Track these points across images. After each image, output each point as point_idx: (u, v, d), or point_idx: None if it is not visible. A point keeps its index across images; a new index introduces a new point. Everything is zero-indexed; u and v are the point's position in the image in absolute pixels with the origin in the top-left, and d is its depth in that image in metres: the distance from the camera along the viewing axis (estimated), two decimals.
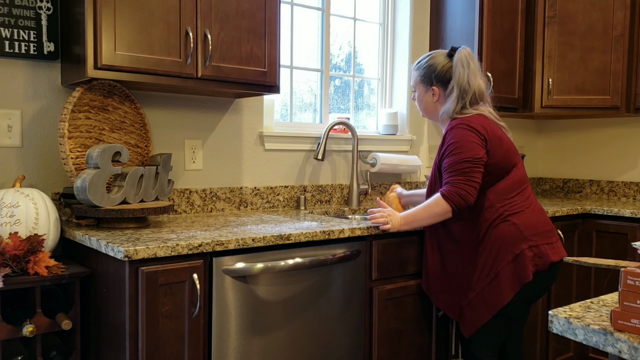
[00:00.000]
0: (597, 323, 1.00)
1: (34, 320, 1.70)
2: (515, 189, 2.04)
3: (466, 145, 1.98)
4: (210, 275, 1.74)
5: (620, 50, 3.11)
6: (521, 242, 1.98)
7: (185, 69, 2.01)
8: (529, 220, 2.01)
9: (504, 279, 1.97)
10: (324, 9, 2.95)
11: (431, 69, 2.15)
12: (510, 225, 1.99)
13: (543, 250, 1.99)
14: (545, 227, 2.05)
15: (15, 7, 1.99)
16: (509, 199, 2.02)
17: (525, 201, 2.05)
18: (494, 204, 2.01)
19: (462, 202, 1.95)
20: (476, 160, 1.97)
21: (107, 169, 1.89)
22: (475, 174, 1.96)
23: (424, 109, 2.23)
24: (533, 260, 1.97)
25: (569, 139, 3.80)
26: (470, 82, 2.09)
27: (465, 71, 2.09)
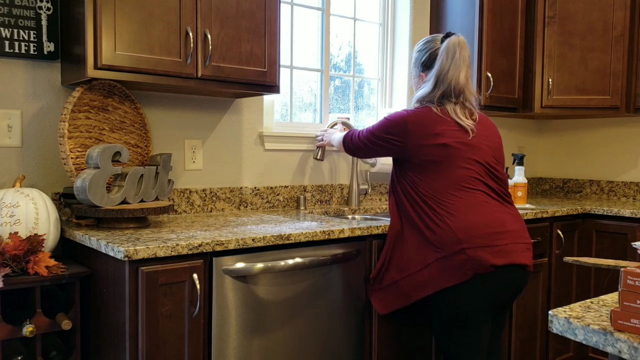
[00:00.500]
0: (597, 323, 1.00)
1: (34, 320, 1.70)
2: (455, 189, 1.92)
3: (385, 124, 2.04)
4: (210, 275, 1.74)
5: (620, 50, 3.11)
6: (453, 244, 1.86)
7: (185, 69, 2.01)
8: (465, 222, 1.88)
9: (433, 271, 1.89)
10: (324, 9, 2.95)
11: (420, 55, 2.12)
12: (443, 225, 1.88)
13: (480, 253, 1.85)
14: (490, 229, 1.89)
15: (15, 7, 1.99)
16: (445, 199, 1.91)
17: (466, 202, 1.91)
18: (426, 199, 1.93)
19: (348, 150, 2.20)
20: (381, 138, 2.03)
21: (107, 169, 1.89)
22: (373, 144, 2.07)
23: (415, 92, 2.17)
24: (469, 262, 1.84)
25: (569, 139, 3.80)
26: (449, 73, 2.00)
27: (448, 62, 2.00)
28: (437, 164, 1.93)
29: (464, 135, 1.97)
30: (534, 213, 2.72)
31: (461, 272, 1.85)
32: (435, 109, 1.99)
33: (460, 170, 1.94)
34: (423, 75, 2.11)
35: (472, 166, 1.95)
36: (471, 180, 1.94)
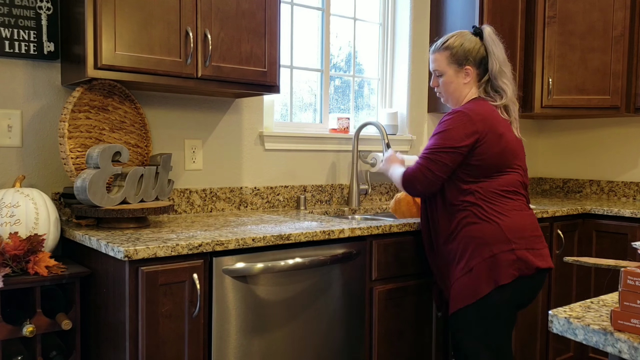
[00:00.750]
0: (597, 323, 1.00)
1: (34, 320, 1.70)
2: (505, 191, 1.95)
3: (448, 133, 1.92)
4: (210, 275, 1.74)
5: (620, 50, 3.11)
6: (502, 243, 1.89)
7: (185, 69, 2.01)
8: (514, 224, 1.92)
9: (477, 275, 1.89)
10: (324, 9, 2.95)
11: (464, 47, 2.02)
12: (493, 225, 1.91)
13: (526, 255, 1.90)
14: (532, 232, 1.95)
15: (15, 7, 1.99)
16: (496, 199, 1.93)
17: (513, 204, 1.95)
18: (477, 201, 1.93)
19: (409, 188, 1.99)
20: (451, 150, 1.90)
21: (107, 169, 1.89)
22: (439, 165, 1.92)
23: (452, 92, 2.07)
24: (515, 263, 1.88)
25: (569, 139, 3.80)
26: (501, 62, 2.01)
27: (498, 49, 2.01)
28: (494, 167, 1.94)
29: (514, 137, 2.00)
30: (534, 213, 2.72)
31: (508, 272, 1.87)
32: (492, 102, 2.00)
33: (511, 175, 1.97)
34: (470, 69, 2.03)
35: (518, 171, 2.00)
36: (517, 184, 1.98)
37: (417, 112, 3.24)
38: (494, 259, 1.88)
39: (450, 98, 2.09)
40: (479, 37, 2.04)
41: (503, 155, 1.94)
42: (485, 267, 1.89)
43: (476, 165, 1.92)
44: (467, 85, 2.04)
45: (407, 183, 1.99)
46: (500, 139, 1.93)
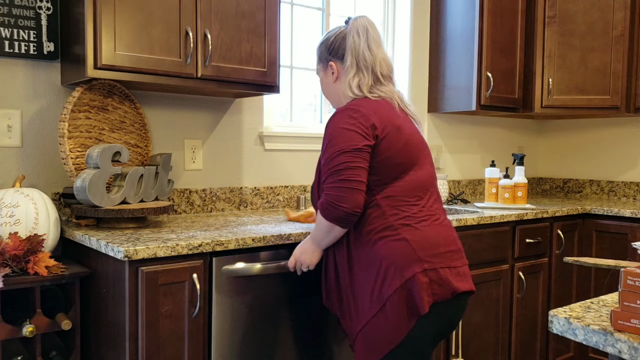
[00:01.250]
0: (597, 323, 1.00)
1: (33, 320, 1.70)
2: (413, 194, 1.61)
3: (341, 135, 1.56)
4: (210, 275, 1.74)
5: (620, 50, 3.11)
6: (413, 264, 1.53)
7: (185, 69, 2.01)
8: (425, 236, 1.58)
9: (391, 312, 1.53)
10: (324, 9, 2.95)
11: (326, 43, 1.76)
12: (401, 241, 1.55)
13: (443, 275, 1.56)
14: (448, 247, 1.61)
15: (15, 7, 1.99)
16: (403, 207, 1.59)
17: (424, 212, 1.62)
18: (384, 212, 1.58)
19: (338, 213, 1.54)
20: (355, 152, 1.55)
21: (107, 169, 1.89)
22: (354, 170, 1.54)
23: (327, 94, 1.81)
24: (430, 287, 1.53)
25: (569, 139, 3.80)
26: (372, 50, 1.68)
27: (361, 38, 1.68)
28: (398, 166, 1.61)
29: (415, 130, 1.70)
30: (534, 213, 2.72)
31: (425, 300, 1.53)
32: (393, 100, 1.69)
33: (419, 172, 1.65)
34: (333, 64, 1.74)
35: (427, 167, 1.69)
36: (429, 184, 1.67)
37: (417, 112, 3.23)
38: (405, 285, 1.53)
39: (330, 100, 1.82)
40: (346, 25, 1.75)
41: (407, 150, 1.63)
42: (400, 297, 1.53)
43: (378, 167, 1.59)
44: (340, 83, 1.73)
45: (328, 209, 1.55)
46: (400, 131, 1.62)
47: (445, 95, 3.17)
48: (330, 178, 1.56)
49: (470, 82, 3.01)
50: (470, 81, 3.01)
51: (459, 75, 3.08)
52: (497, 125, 3.68)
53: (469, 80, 3.02)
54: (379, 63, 1.69)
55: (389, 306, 1.53)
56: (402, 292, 1.52)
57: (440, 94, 3.20)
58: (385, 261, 1.55)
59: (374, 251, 1.57)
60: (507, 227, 2.63)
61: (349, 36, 1.71)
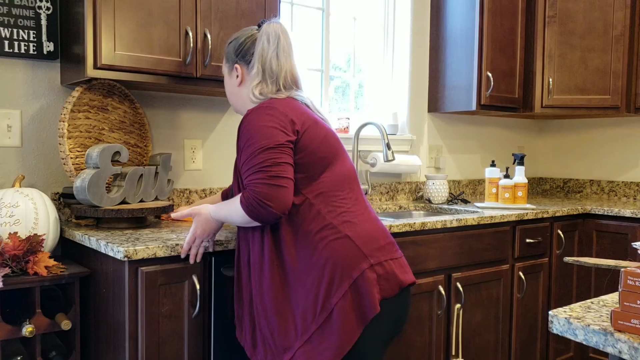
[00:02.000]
0: (597, 323, 1.00)
1: (33, 321, 1.70)
2: (342, 186, 1.55)
3: (261, 132, 1.47)
4: (210, 276, 1.74)
5: (621, 50, 3.10)
6: (360, 261, 1.45)
7: (185, 69, 2.01)
8: (366, 230, 1.51)
9: (340, 318, 1.42)
10: (324, 8, 2.94)
11: (234, 43, 1.69)
12: (343, 239, 1.47)
13: (389, 269, 1.50)
14: (386, 239, 1.55)
15: (15, 6, 1.99)
16: (336, 202, 1.51)
17: (356, 204, 1.55)
18: (319, 211, 1.49)
19: (264, 213, 1.42)
20: (279, 147, 1.45)
21: (107, 169, 1.89)
22: (281, 167, 1.44)
23: (229, 95, 1.74)
24: (378, 283, 1.47)
25: (569, 139, 3.79)
26: (279, 60, 1.60)
27: (271, 46, 1.60)
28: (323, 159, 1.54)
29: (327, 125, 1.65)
30: (535, 213, 2.72)
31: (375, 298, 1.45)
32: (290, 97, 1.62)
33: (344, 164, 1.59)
34: (239, 68, 1.67)
35: (347, 159, 1.63)
36: (353, 175, 1.61)
37: (417, 112, 3.24)
38: (354, 286, 1.44)
39: (232, 104, 1.75)
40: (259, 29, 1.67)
41: (328, 142, 1.57)
42: (349, 301, 1.43)
43: (303, 163, 1.50)
44: (243, 88, 1.67)
45: (255, 207, 1.43)
46: (318, 125, 1.57)
47: (446, 95, 3.17)
48: (256, 175, 1.43)
49: (471, 82, 3.01)
50: (470, 81, 3.01)
51: (459, 75, 3.08)
52: (497, 125, 3.67)
53: (469, 80, 3.02)
54: (284, 75, 1.61)
55: (337, 312, 1.42)
56: (350, 295, 1.44)
57: (440, 94, 3.20)
58: (330, 263, 1.44)
59: (315, 256, 1.45)
60: (507, 227, 2.63)
61: (259, 41, 1.62)
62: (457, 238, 2.41)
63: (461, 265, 2.44)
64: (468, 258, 2.46)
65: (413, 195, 3.20)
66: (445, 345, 2.40)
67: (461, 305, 2.42)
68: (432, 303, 2.32)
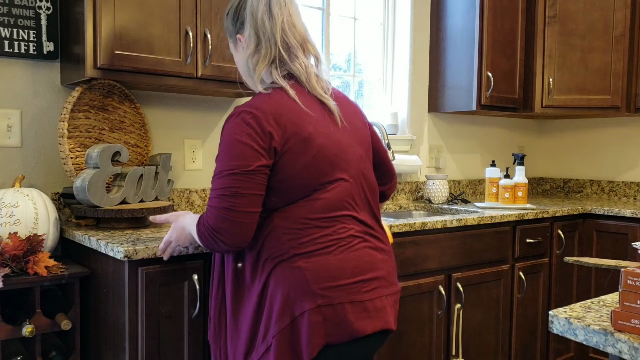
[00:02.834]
0: (597, 323, 1.00)
1: (33, 321, 1.70)
2: (318, 217, 1.33)
3: (234, 148, 1.30)
4: (210, 276, 1.74)
5: (621, 50, 3.10)
6: (305, 299, 1.29)
7: (185, 69, 2.01)
8: (326, 264, 1.31)
9: (277, 354, 1.30)
10: (324, 8, 2.94)
11: (230, 14, 1.49)
12: (294, 270, 1.31)
13: (340, 312, 1.30)
14: (359, 275, 1.34)
15: (15, 6, 1.99)
16: (302, 230, 1.32)
17: (332, 236, 1.34)
18: (279, 236, 1.33)
19: (216, 247, 1.33)
20: (247, 174, 1.29)
21: (107, 169, 1.89)
22: (243, 199, 1.29)
23: (241, 71, 1.52)
24: (323, 326, 1.29)
25: (569, 139, 3.79)
26: (272, 12, 1.37)
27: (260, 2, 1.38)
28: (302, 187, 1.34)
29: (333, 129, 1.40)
30: (535, 213, 2.72)
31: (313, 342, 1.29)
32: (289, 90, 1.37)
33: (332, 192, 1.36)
34: (240, 37, 1.46)
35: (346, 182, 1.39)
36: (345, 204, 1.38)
37: (417, 112, 3.24)
38: (294, 324, 1.30)
39: (244, 80, 1.52)
40: None
41: (316, 166, 1.34)
42: (286, 338, 1.30)
43: (277, 187, 1.33)
44: (251, 60, 1.43)
45: (207, 238, 1.33)
46: (307, 145, 1.33)
47: (446, 95, 3.17)
48: (214, 201, 1.31)
49: (471, 82, 3.00)
50: (470, 81, 3.01)
51: (459, 75, 3.08)
52: (498, 125, 3.67)
53: (469, 80, 3.02)
54: (281, 29, 1.38)
55: (274, 348, 1.30)
56: (288, 332, 1.30)
57: (440, 94, 3.20)
58: (277, 293, 1.31)
59: (267, 281, 1.34)
60: (508, 227, 2.63)
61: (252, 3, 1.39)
62: (457, 238, 2.41)
63: (461, 265, 2.44)
64: (468, 258, 2.46)
65: (413, 195, 3.20)
66: (446, 345, 2.40)
67: (461, 305, 2.42)
68: (432, 303, 2.32)
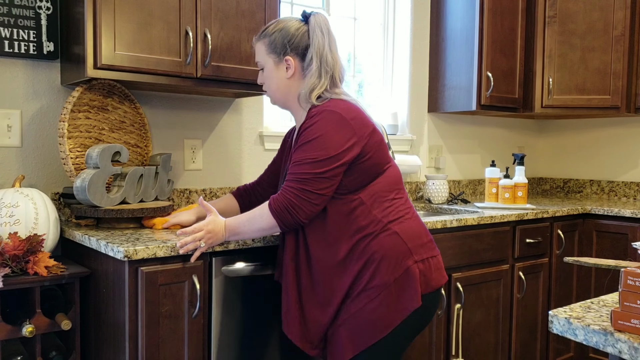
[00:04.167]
0: (597, 323, 1.00)
1: (33, 321, 1.70)
2: (393, 189, 1.63)
3: (327, 138, 1.53)
4: (210, 276, 1.74)
5: (621, 50, 3.10)
6: (406, 257, 1.57)
7: (185, 69, 2.01)
8: (411, 228, 1.61)
9: (385, 301, 1.54)
10: (324, 9, 2.94)
11: (283, 33, 1.66)
12: (391, 235, 1.57)
13: (428, 267, 1.61)
14: (427, 236, 1.66)
15: (15, 6, 1.99)
16: (388, 203, 1.60)
17: (404, 205, 1.64)
18: (370, 210, 1.57)
19: (289, 219, 1.54)
20: (332, 164, 1.53)
21: (107, 169, 1.89)
22: (322, 182, 1.52)
23: (275, 88, 1.71)
24: (422, 278, 1.58)
25: (569, 139, 3.79)
26: (333, 53, 1.65)
27: (326, 38, 1.64)
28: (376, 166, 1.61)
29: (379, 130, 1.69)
30: (535, 213, 2.72)
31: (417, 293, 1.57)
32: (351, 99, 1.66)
33: (391, 169, 1.66)
34: (291, 60, 1.66)
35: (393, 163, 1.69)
36: (399, 179, 1.68)
37: (417, 112, 3.24)
38: (400, 278, 1.56)
39: (275, 94, 1.73)
40: (305, 21, 1.68)
41: (381, 150, 1.63)
42: (394, 290, 1.55)
43: (359, 170, 1.58)
44: (294, 79, 1.68)
45: (284, 216, 1.54)
46: (374, 134, 1.61)
47: (446, 95, 3.17)
48: (294, 184, 1.54)
49: (471, 82, 3.01)
50: (470, 81, 3.01)
51: (459, 75, 3.08)
52: (497, 125, 3.67)
53: (469, 80, 3.02)
54: (339, 68, 1.67)
55: (384, 296, 1.54)
56: (396, 284, 1.55)
57: (440, 94, 3.20)
58: (378, 255, 1.55)
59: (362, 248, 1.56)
60: (508, 227, 2.63)
61: (313, 34, 1.64)
62: (457, 238, 2.41)
63: (461, 265, 2.44)
64: (468, 258, 2.46)
65: (413, 195, 3.20)
66: (445, 345, 2.40)
67: (461, 305, 2.42)
68: None
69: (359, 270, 1.56)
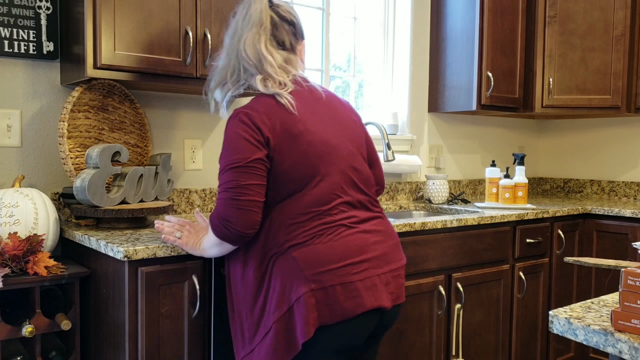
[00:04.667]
0: (597, 323, 1.00)
1: (33, 321, 1.70)
2: (308, 210, 1.43)
3: (233, 142, 1.44)
4: (210, 276, 1.74)
5: (621, 50, 3.10)
6: (299, 285, 1.38)
7: (184, 69, 2.01)
8: (316, 252, 1.40)
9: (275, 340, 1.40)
10: (324, 8, 2.94)
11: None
12: (289, 260, 1.41)
13: (331, 294, 1.38)
14: (349, 258, 1.42)
15: (15, 6, 1.99)
16: (296, 224, 1.43)
17: (322, 226, 1.43)
18: (277, 229, 1.44)
19: (228, 233, 1.42)
20: (247, 167, 1.41)
21: (107, 169, 1.89)
22: (244, 189, 1.41)
23: None
24: (316, 309, 1.38)
25: (569, 139, 3.79)
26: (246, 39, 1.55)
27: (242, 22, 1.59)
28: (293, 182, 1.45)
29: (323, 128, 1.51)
30: (535, 213, 2.72)
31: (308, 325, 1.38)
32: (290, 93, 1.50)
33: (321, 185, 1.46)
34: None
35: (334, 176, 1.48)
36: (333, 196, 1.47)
37: (417, 112, 3.24)
38: (291, 310, 1.39)
39: None
40: None
41: (305, 164, 1.45)
42: (283, 324, 1.40)
43: (272, 181, 1.45)
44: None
45: (218, 227, 1.44)
46: (296, 141, 1.45)
47: (446, 95, 3.17)
48: (221, 195, 1.43)
49: (471, 82, 3.00)
50: (470, 81, 3.01)
51: (459, 75, 3.08)
52: (498, 125, 3.67)
53: (469, 80, 3.02)
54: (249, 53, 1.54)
55: (272, 333, 1.41)
56: (286, 318, 1.40)
57: (440, 94, 3.20)
58: (276, 284, 1.41)
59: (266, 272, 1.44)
60: (508, 227, 2.63)
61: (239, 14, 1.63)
62: (457, 238, 2.41)
63: (461, 266, 2.44)
64: (468, 258, 2.46)
65: (413, 195, 3.20)
66: (446, 346, 2.40)
67: (461, 306, 2.42)
68: (433, 303, 2.32)
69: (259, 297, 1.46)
